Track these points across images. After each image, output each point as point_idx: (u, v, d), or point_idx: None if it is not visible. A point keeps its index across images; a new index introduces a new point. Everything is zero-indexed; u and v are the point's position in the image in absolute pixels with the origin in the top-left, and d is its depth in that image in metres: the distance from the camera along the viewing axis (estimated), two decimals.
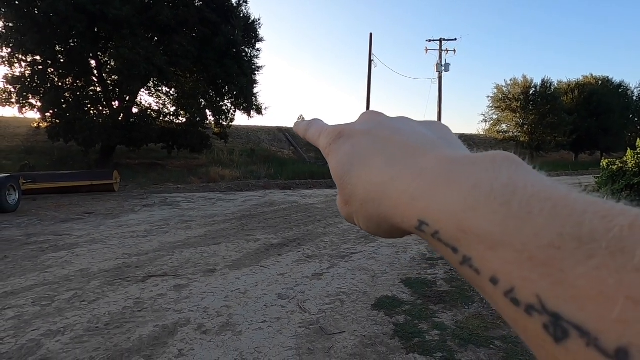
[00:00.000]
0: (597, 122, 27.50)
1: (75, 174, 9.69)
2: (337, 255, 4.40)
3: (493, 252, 0.14)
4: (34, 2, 10.99)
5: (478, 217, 0.15)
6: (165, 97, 15.56)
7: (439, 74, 23.08)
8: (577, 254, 0.12)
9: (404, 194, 0.19)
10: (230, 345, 2.37)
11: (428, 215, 0.17)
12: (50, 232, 5.42)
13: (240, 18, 14.26)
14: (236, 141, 19.61)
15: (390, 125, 0.24)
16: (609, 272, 0.11)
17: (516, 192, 0.15)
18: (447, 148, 0.21)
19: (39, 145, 14.56)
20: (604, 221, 0.12)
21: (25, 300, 3.01)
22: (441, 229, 0.16)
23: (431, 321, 2.75)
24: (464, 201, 0.16)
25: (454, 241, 0.16)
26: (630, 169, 8.68)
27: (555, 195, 0.14)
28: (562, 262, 0.12)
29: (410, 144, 0.21)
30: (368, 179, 0.21)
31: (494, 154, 0.17)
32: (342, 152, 0.24)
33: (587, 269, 0.12)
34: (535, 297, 0.12)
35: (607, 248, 0.12)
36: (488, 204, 0.15)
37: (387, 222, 0.20)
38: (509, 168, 0.16)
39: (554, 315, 0.12)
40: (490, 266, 0.14)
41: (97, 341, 2.40)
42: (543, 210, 0.14)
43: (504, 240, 0.14)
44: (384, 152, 0.22)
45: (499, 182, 0.16)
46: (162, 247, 4.63)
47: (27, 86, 11.78)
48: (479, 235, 0.15)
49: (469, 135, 32.64)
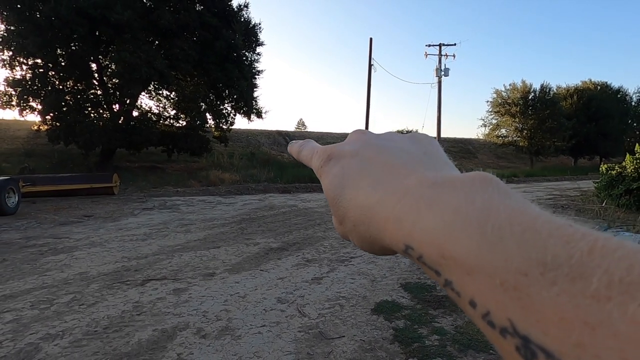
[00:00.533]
0: (596, 127, 27.59)
1: (75, 176, 9.68)
2: (336, 260, 4.39)
3: (470, 276, 0.15)
4: (36, 5, 11.04)
5: (455, 243, 0.16)
6: (166, 101, 15.60)
7: (438, 78, 23.17)
8: (541, 280, 0.13)
9: (389, 218, 0.19)
10: (229, 349, 2.37)
11: (412, 239, 0.18)
12: (50, 235, 5.41)
13: (241, 22, 14.34)
14: (236, 145, 19.63)
15: (376, 144, 0.25)
16: (569, 298, 0.12)
17: (490, 217, 0.15)
18: (429, 167, 0.22)
19: (39, 148, 14.57)
20: (567, 247, 0.13)
21: (24, 304, 3.00)
22: (424, 254, 0.17)
23: (431, 326, 2.75)
24: (443, 227, 0.17)
25: (436, 265, 0.17)
26: (629, 174, 8.70)
27: (525, 220, 0.15)
28: (529, 287, 0.13)
29: (395, 165, 0.22)
30: (357, 201, 0.22)
31: (472, 177, 0.18)
32: (332, 174, 0.25)
33: (550, 294, 0.12)
34: (507, 321, 0.13)
35: (568, 274, 0.12)
36: (464, 229, 0.16)
37: (378, 243, 0.21)
38: (485, 191, 0.17)
39: (523, 338, 0.13)
40: (468, 290, 0.15)
41: (95, 345, 2.39)
42: (513, 236, 0.14)
43: (479, 265, 0.15)
44: (370, 174, 0.23)
45: (474, 207, 0.16)
46: (161, 251, 4.62)
47: (28, 89, 11.81)
48: (457, 260, 0.15)
49: (468, 139, 32.70)
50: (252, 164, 16.04)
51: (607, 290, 0.12)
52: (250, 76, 15.03)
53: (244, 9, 14.72)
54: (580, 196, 11.56)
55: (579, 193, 12.59)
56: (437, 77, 23.19)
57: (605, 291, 0.12)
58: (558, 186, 16.18)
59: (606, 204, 9.10)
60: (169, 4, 12.80)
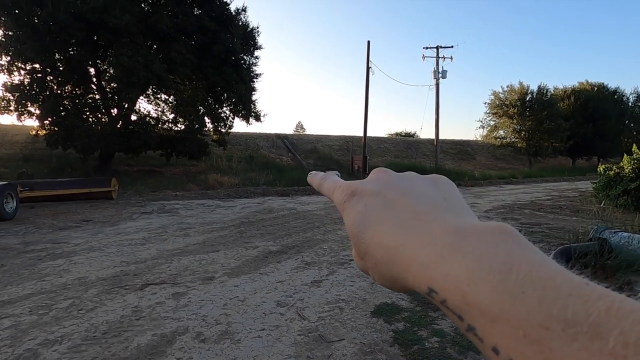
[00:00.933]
0: (593, 128, 27.71)
1: (73, 181, 9.66)
2: (336, 262, 4.39)
3: (493, 325, 0.16)
4: (34, 10, 11.06)
5: (479, 293, 0.17)
6: (164, 105, 15.62)
7: (436, 80, 23.25)
8: (563, 336, 0.14)
9: (413, 261, 0.20)
10: (229, 353, 2.36)
11: (436, 284, 0.19)
12: (48, 240, 5.39)
13: (239, 26, 14.39)
14: (235, 148, 19.63)
15: (399, 185, 0.26)
16: (588, 355, 0.13)
17: (512, 270, 0.16)
18: (451, 214, 0.23)
19: (37, 152, 14.55)
20: (585, 305, 0.14)
21: (22, 309, 2.98)
22: (448, 299, 0.18)
23: (431, 328, 2.74)
24: (467, 276, 0.17)
25: (460, 311, 0.17)
26: (626, 175, 8.73)
27: (546, 276, 0.16)
28: (551, 341, 0.14)
29: (418, 209, 0.23)
30: (380, 241, 0.23)
31: (492, 228, 0.19)
32: (355, 211, 0.26)
33: (571, 350, 0.13)
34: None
35: (587, 332, 0.13)
36: (488, 280, 0.17)
37: (400, 283, 0.22)
38: (505, 242, 0.18)
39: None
40: (491, 338, 0.16)
41: (94, 350, 2.38)
42: (535, 291, 0.15)
43: (502, 317, 0.16)
44: (395, 216, 0.24)
45: (497, 259, 0.17)
46: (160, 255, 4.61)
47: (26, 94, 11.80)
48: (480, 309, 0.16)
49: (466, 141, 32.77)
50: (251, 167, 16.04)
51: (623, 350, 0.13)
52: (249, 79, 15.07)
53: (241, 12, 14.78)
54: (578, 197, 11.58)
55: (577, 194, 12.62)
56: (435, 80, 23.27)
57: (622, 350, 0.13)
58: (556, 187, 16.22)
59: (604, 204, 9.12)
60: (167, 8, 12.84)
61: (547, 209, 9.04)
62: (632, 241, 4.11)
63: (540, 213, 8.40)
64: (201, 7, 13.48)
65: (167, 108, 15.60)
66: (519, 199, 11.26)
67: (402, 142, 29.75)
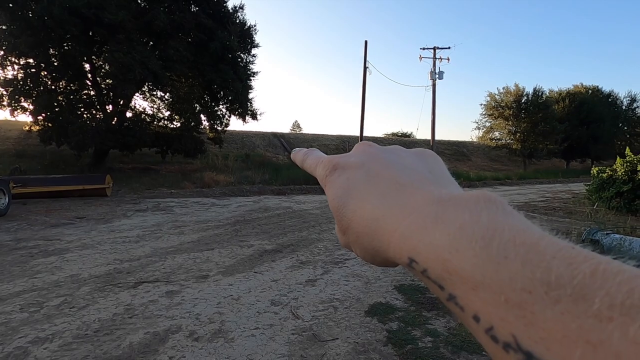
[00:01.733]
0: (587, 130, 27.97)
1: (67, 178, 9.57)
2: (330, 262, 4.39)
3: (475, 292, 0.15)
4: (28, 5, 10.93)
5: (461, 260, 0.16)
6: (160, 102, 15.52)
7: (432, 81, 23.32)
8: (545, 299, 0.13)
9: (395, 232, 0.20)
10: (222, 352, 2.35)
11: (417, 254, 0.18)
12: (40, 237, 5.34)
13: (236, 24, 14.34)
14: (231, 146, 19.57)
15: (382, 158, 0.25)
16: (572, 318, 0.13)
17: (495, 236, 0.16)
18: (435, 185, 0.22)
19: (31, 148, 14.40)
20: (570, 268, 0.14)
21: (13, 307, 2.95)
22: (429, 268, 0.18)
23: (424, 328, 2.75)
24: (449, 243, 0.17)
25: (441, 280, 0.17)
26: (619, 177, 8.81)
27: (529, 241, 0.15)
28: (534, 305, 0.14)
29: (401, 181, 0.23)
30: (362, 214, 0.23)
31: (477, 196, 0.19)
32: (337, 185, 0.25)
33: (554, 313, 0.13)
34: (511, 336, 0.14)
35: (571, 295, 0.13)
36: (470, 247, 0.16)
37: (381, 255, 0.22)
38: (489, 210, 0.18)
39: (526, 354, 0.13)
40: (473, 305, 0.16)
41: (86, 348, 2.36)
42: (518, 255, 0.15)
43: (484, 283, 0.15)
44: (376, 187, 0.23)
45: (480, 225, 0.17)
46: (154, 253, 4.58)
47: (20, 89, 11.67)
48: (462, 276, 0.16)
49: (462, 142, 32.93)
50: (247, 166, 16.00)
51: (609, 311, 0.12)
52: (245, 78, 15.02)
53: (239, 10, 14.72)
54: (572, 198, 11.69)
55: (571, 195, 12.74)
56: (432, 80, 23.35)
57: (607, 312, 0.12)
58: (550, 188, 16.35)
59: (597, 206, 9.21)
60: (163, 5, 12.75)
61: (541, 211, 9.12)
62: (624, 243, 4.15)
63: (534, 214, 8.47)
64: (198, 5, 13.40)
65: (162, 105, 15.51)
66: (513, 200, 11.33)
67: (398, 142, 29.84)
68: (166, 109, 15.43)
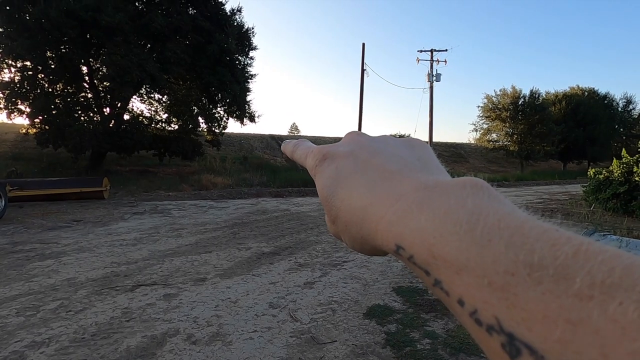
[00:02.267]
0: (584, 132, 28.12)
1: (64, 180, 9.52)
2: (329, 264, 4.38)
3: (459, 276, 0.15)
4: (25, 7, 10.91)
5: (446, 244, 0.16)
6: (158, 104, 15.49)
7: (430, 83, 23.42)
8: (528, 280, 0.13)
9: (382, 219, 0.20)
10: (220, 355, 2.34)
11: (404, 240, 0.18)
12: (37, 240, 5.31)
13: (234, 26, 14.34)
14: (228, 148, 19.55)
15: (371, 147, 0.26)
16: (553, 297, 0.13)
17: (479, 220, 0.16)
18: (423, 172, 0.22)
19: (27, 151, 14.34)
20: (553, 249, 0.14)
21: (9, 311, 2.93)
22: (415, 254, 0.18)
23: (422, 330, 2.75)
24: (435, 228, 0.17)
25: (426, 265, 0.17)
26: (616, 178, 8.86)
27: (513, 224, 0.15)
28: (516, 287, 0.14)
29: (389, 169, 0.23)
30: (350, 202, 0.23)
31: (463, 182, 0.19)
32: (326, 175, 0.26)
33: (536, 293, 0.13)
34: (494, 319, 0.14)
35: (553, 275, 0.13)
36: (454, 231, 0.16)
37: (369, 243, 0.22)
38: (475, 195, 0.18)
39: (509, 335, 0.13)
40: (457, 289, 0.16)
41: (83, 352, 2.34)
42: (502, 239, 0.15)
43: (468, 266, 0.15)
44: (364, 176, 0.23)
45: (465, 210, 0.17)
46: (151, 256, 4.56)
47: (17, 92, 11.62)
48: (446, 260, 0.16)
49: (459, 144, 33.03)
50: (245, 168, 15.99)
51: (589, 290, 0.12)
52: (243, 80, 15.01)
53: (237, 13, 14.73)
54: (569, 200, 11.74)
55: (568, 197, 12.79)
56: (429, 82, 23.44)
57: (588, 291, 0.12)
58: (547, 190, 16.41)
59: (594, 207, 9.25)
60: (161, 7, 12.76)
61: (538, 212, 9.12)
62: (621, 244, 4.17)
63: None
64: (196, 7, 13.41)
65: (160, 108, 15.48)
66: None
67: None
68: (164, 111, 15.40)
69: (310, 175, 0.28)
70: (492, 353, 0.14)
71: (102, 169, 13.11)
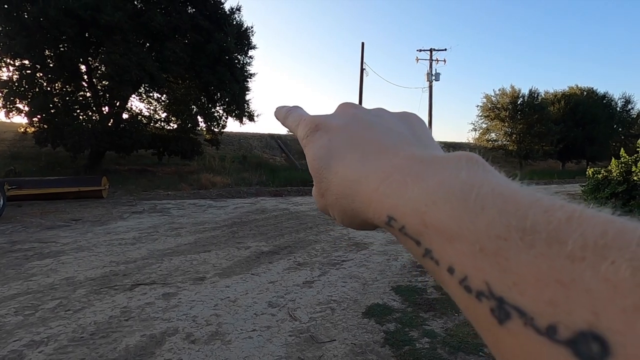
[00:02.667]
0: (583, 131, 28.15)
1: (62, 180, 9.50)
2: (328, 263, 4.39)
3: (450, 244, 0.15)
4: (24, 6, 10.87)
5: (438, 212, 0.16)
6: (157, 103, 15.46)
7: (429, 83, 23.42)
8: (520, 244, 0.13)
9: (375, 191, 0.20)
10: (219, 354, 2.34)
11: (396, 211, 0.18)
12: (35, 239, 5.30)
13: (233, 25, 14.31)
14: (228, 148, 19.53)
15: (366, 120, 0.25)
16: (545, 260, 0.13)
17: (473, 189, 0.16)
18: (418, 147, 0.22)
19: (26, 150, 14.30)
20: (546, 215, 0.14)
21: (8, 310, 2.92)
22: (407, 224, 0.18)
23: (421, 329, 2.75)
24: (427, 197, 0.17)
25: (418, 234, 0.17)
26: (614, 178, 8.88)
27: (507, 192, 0.15)
28: (508, 251, 0.13)
29: (384, 142, 0.22)
30: (343, 175, 0.22)
31: (459, 155, 0.19)
32: (318, 146, 0.25)
33: (528, 257, 0.13)
34: (484, 284, 0.14)
35: (546, 239, 0.13)
36: (448, 199, 0.16)
37: (360, 216, 0.22)
38: (470, 168, 0.18)
39: (499, 300, 0.13)
40: (448, 257, 0.15)
41: (81, 351, 2.34)
42: (495, 206, 0.15)
43: (460, 233, 0.15)
44: (359, 149, 0.23)
45: (459, 180, 0.17)
46: (150, 255, 4.56)
47: (15, 90, 11.58)
48: (438, 228, 0.16)
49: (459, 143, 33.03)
50: (244, 167, 15.97)
51: (581, 252, 0.12)
52: (242, 79, 14.99)
53: (236, 12, 14.70)
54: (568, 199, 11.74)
55: (567, 196, 12.76)
56: (428, 82, 23.44)
57: (580, 252, 0.12)
58: (546, 189, 16.38)
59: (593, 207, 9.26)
60: (160, 6, 12.72)
61: None
62: None
63: None
64: (195, 6, 13.38)
65: (159, 107, 15.45)
66: None
67: None
68: (163, 110, 15.36)
69: (300, 144, 0.27)
70: (480, 320, 0.14)
71: (101, 168, 13.08)
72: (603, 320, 0.11)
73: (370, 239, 5.56)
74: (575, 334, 0.11)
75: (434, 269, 0.16)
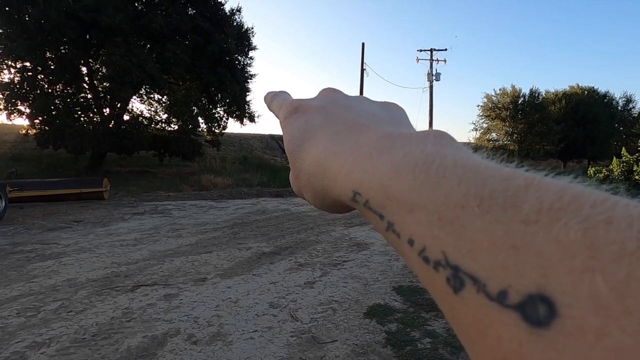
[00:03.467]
0: (584, 131, 28.10)
1: (64, 181, 9.52)
2: (329, 263, 4.38)
3: (410, 215, 0.15)
4: (25, 8, 10.91)
5: (400, 184, 0.16)
6: (157, 105, 15.49)
7: (429, 83, 23.42)
8: (477, 211, 0.13)
9: (342, 167, 0.20)
10: (220, 355, 2.34)
11: (361, 185, 0.18)
12: (37, 240, 5.31)
13: (234, 26, 14.34)
14: (228, 149, 19.55)
15: (344, 103, 0.25)
16: (499, 225, 0.12)
17: (435, 161, 0.16)
18: (391, 126, 0.22)
19: (27, 152, 14.34)
20: (504, 182, 0.13)
21: (10, 311, 2.93)
22: (371, 198, 0.17)
23: (423, 329, 2.75)
24: (391, 169, 0.17)
25: (381, 208, 0.17)
26: (616, 177, 8.87)
27: (469, 164, 0.15)
28: (465, 219, 0.13)
29: (358, 122, 0.22)
30: (315, 154, 0.22)
31: (427, 132, 0.19)
32: (295, 127, 0.25)
33: (483, 223, 0.13)
34: (441, 254, 0.13)
35: (502, 204, 0.13)
36: (410, 170, 0.16)
37: (329, 196, 0.21)
38: (436, 142, 0.17)
39: (454, 268, 0.13)
40: (408, 229, 0.15)
41: (83, 353, 2.35)
42: (455, 176, 0.15)
43: (420, 203, 0.15)
44: (332, 128, 0.23)
45: (424, 153, 0.17)
46: (152, 256, 4.57)
47: (16, 92, 11.63)
48: (400, 200, 0.16)
49: None
50: (245, 168, 15.98)
51: (536, 215, 0.12)
52: (243, 80, 15.01)
53: (236, 13, 14.73)
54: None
55: None
56: (429, 82, 23.44)
57: (535, 216, 0.12)
58: None
59: None
60: (160, 8, 12.76)
61: None
62: None
63: None
64: (195, 7, 13.41)
65: (160, 108, 15.48)
66: None
67: None
68: (163, 111, 15.40)
69: (280, 126, 0.27)
70: (438, 291, 0.14)
71: (102, 170, 13.11)
72: (552, 282, 0.11)
73: (372, 239, 5.56)
74: (524, 297, 0.11)
75: (396, 242, 0.16)
